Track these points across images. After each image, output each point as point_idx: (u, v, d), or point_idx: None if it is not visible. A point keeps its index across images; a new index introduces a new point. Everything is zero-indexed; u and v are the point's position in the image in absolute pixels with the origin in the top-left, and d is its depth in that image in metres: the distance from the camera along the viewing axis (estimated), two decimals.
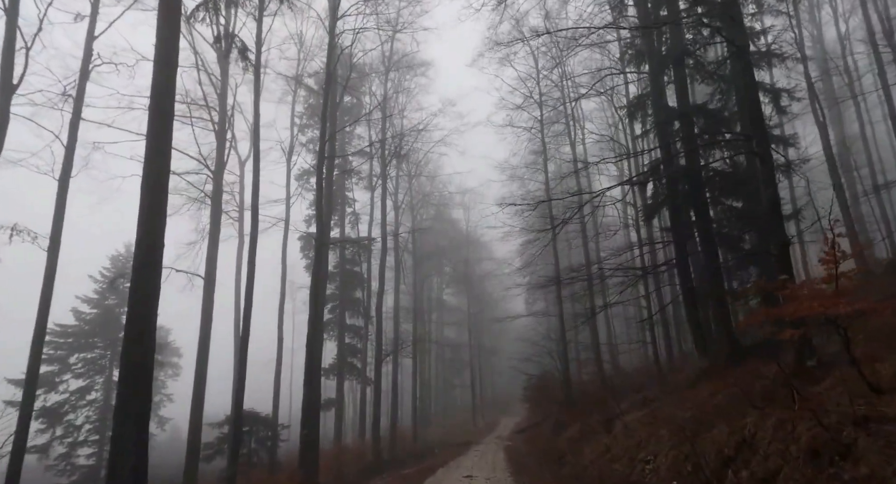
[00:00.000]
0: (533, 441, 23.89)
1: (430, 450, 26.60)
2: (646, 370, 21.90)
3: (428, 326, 45.98)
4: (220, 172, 18.42)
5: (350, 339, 29.06)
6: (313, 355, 13.91)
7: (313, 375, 13.90)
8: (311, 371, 13.77)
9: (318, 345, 17.12)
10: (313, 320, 14.00)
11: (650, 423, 10.13)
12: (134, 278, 9.58)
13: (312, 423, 16.68)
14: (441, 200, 38.49)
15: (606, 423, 13.75)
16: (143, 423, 9.18)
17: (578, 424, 16.38)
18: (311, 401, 16.85)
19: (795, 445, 4.50)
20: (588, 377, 24.73)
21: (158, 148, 9.93)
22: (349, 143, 31.38)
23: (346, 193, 30.45)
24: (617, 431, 11.34)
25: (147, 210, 9.78)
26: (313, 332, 13.93)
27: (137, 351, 9.31)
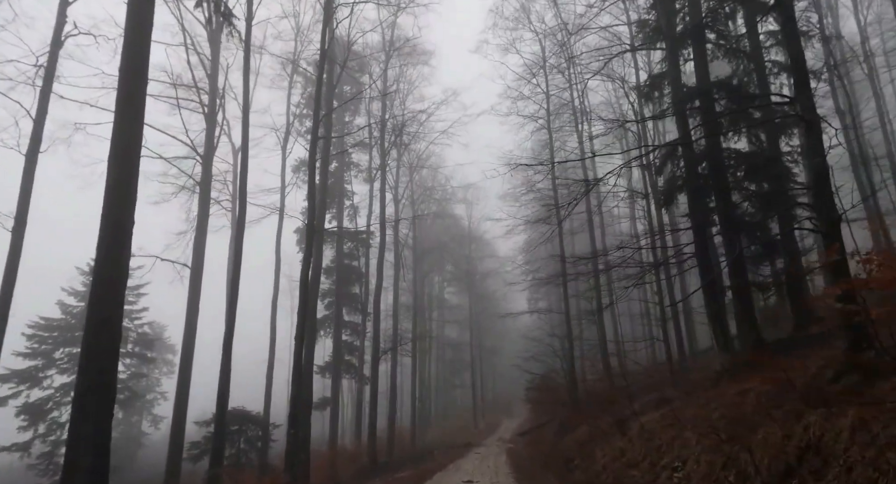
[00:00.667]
0: (536, 444, 22.84)
1: (428, 452, 25.59)
2: (657, 369, 20.85)
3: (428, 324, 44.98)
4: (209, 157, 17.45)
5: (347, 336, 28.01)
6: (302, 348, 12.90)
7: (303, 370, 12.89)
8: (300, 365, 12.77)
9: (311, 338, 16.14)
10: (303, 311, 13.00)
11: (671, 424, 9.10)
12: (99, 259, 8.59)
13: (303, 422, 15.71)
14: (443, 195, 37.52)
15: (619, 424, 12.71)
16: (104, 418, 8.19)
17: (586, 425, 15.35)
18: (302, 398, 15.85)
19: (893, 452, 3.50)
20: (594, 377, 23.72)
21: (129, 113, 8.97)
22: (349, 134, 30.40)
23: (345, 186, 29.43)
24: (632, 434, 10.31)
25: (115, 183, 8.80)
26: (302, 323, 12.93)
27: (102, 339, 8.32)
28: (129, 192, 8.92)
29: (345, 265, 28.37)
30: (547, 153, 25.07)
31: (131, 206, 8.96)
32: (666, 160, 13.05)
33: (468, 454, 21.97)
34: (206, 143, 17.55)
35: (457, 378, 52.00)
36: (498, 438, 31.59)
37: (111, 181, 8.80)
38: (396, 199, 30.40)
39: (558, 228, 22.40)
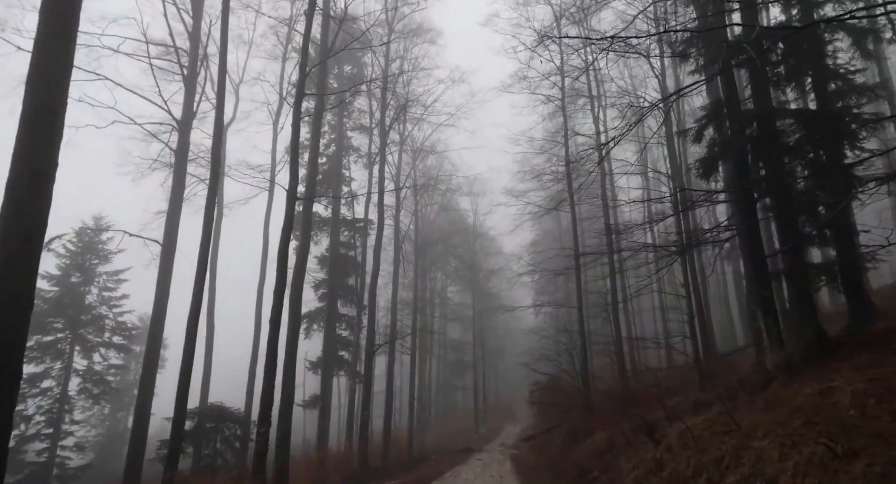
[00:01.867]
0: (543, 450, 20.90)
1: (426, 457, 23.73)
2: (678, 370, 18.91)
3: (430, 322, 43.09)
4: (186, 124, 15.69)
5: (342, 330, 26.24)
6: (277, 333, 11.07)
7: (278, 359, 11.06)
8: (274, 353, 10.94)
9: (294, 323, 14.31)
10: (279, 289, 11.18)
11: (726, 432, 7.22)
12: (6, 214, 6.69)
13: (283, 420, 13.88)
14: (448, 188, 35.53)
15: (647, 431, 10.81)
16: (4, 411, 6.43)
17: (605, 431, 13.44)
18: (285, 393, 14.04)
19: None
20: (608, 378, 21.81)
21: (56, 23, 7.18)
22: (347, 118, 28.67)
23: (343, 171, 27.67)
24: (671, 442, 8.41)
25: (31, 116, 7.01)
26: (279, 303, 11.10)
27: (6, 312, 6.50)
28: (51, 130, 7.13)
29: (340, 255, 26.59)
30: (560, 138, 23.21)
31: (53, 147, 7.17)
32: (707, 123, 11.18)
33: (468, 460, 20.09)
34: (185, 109, 15.80)
35: (458, 380, 50.01)
36: (500, 443, 29.70)
37: (27, 114, 7.01)
38: (398, 187, 28.57)
39: (571, 213, 20.60)
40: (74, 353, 23.90)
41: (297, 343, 14.40)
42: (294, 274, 14.67)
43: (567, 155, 21.02)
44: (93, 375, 24.88)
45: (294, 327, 14.41)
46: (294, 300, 14.62)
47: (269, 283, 21.27)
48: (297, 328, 14.44)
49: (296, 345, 14.38)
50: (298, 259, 14.78)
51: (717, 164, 10.93)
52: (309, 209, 15.33)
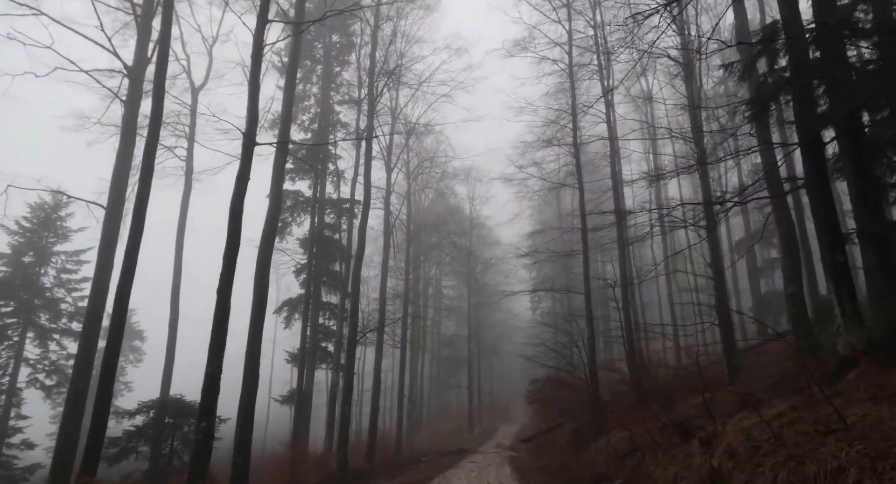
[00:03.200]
0: (545, 452, 18.79)
1: (415, 459, 21.59)
2: (700, 362, 16.79)
3: (423, 315, 40.91)
4: (139, 72, 13.48)
5: (325, 319, 24.09)
6: (225, 306, 8.89)
7: (222, 336, 8.89)
8: (221, 333, 8.77)
9: (258, 302, 12.14)
10: (229, 253, 9.01)
11: (826, 431, 5.12)
12: None
13: (244, 415, 11.78)
14: (444, 171, 33.22)
15: (682, 430, 8.72)
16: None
17: (623, 430, 11.32)
18: (247, 383, 11.93)
19: None
20: (615, 372, 19.74)
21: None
22: (335, 91, 26.51)
23: (329, 148, 25.48)
24: (732, 445, 6.29)
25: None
26: (228, 270, 8.95)
27: None
28: None
29: (325, 238, 24.44)
30: (566, 105, 21.07)
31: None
32: (758, 54, 9.07)
33: (461, 463, 17.97)
34: (137, 55, 13.61)
35: (452, 377, 47.82)
36: (496, 444, 27.64)
37: None
38: (388, 168, 26.41)
39: (579, 186, 18.52)
40: (26, 340, 21.60)
41: (261, 324, 12.26)
42: (262, 242, 12.55)
43: (574, 121, 18.94)
44: (48, 364, 22.59)
45: (259, 305, 12.27)
46: (261, 273, 12.48)
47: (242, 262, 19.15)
48: (263, 306, 12.29)
49: (260, 326, 12.25)
50: (268, 223, 12.63)
51: (770, 103, 8.82)
52: (282, 158, 13.11)
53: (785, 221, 12.39)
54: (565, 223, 24.39)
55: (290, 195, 24.41)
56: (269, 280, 12.63)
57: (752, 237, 28.03)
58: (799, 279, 12.52)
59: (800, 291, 12.40)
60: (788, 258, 12.60)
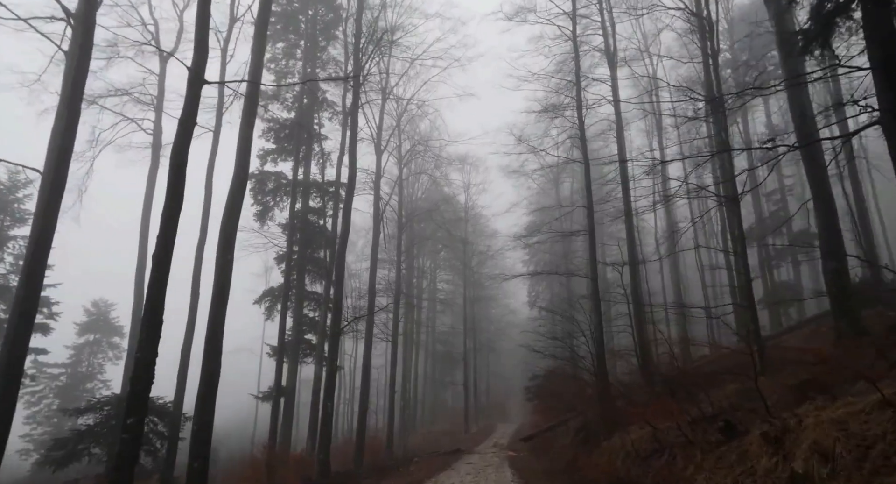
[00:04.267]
0: (547, 452, 17.20)
1: (406, 460, 20.00)
2: (718, 352, 15.20)
3: (417, 308, 39.26)
4: (89, 17, 11.70)
5: (310, 310, 22.42)
6: (163, 275, 7.20)
7: (157, 314, 7.21)
8: (156, 308, 7.08)
9: (223, 281, 10.48)
10: (169, 214, 7.31)
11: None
12: None
13: (202, 411, 10.15)
14: (438, 156, 31.46)
15: (722, 428, 7.12)
16: None
17: (644, 428, 9.70)
18: (208, 371, 10.29)
19: None
20: (624, 365, 18.17)
21: None
22: (321, 69, 24.82)
23: (314, 127, 23.80)
24: (823, 445, 4.66)
25: None
26: (166, 233, 7.26)
27: None
28: None
29: (310, 223, 22.75)
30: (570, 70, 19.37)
31: None
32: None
33: (456, 464, 16.38)
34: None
35: (447, 376, 46.15)
36: (493, 443, 26.05)
37: None
38: (378, 150, 24.77)
39: (584, 161, 16.91)
40: None
41: (224, 306, 10.60)
42: (226, 211, 10.89)
43: (579, 91, 17.33)
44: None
45: (221, 285, 10.60)
46: (223, 248, 10.81)
47: (211, 243, 17.44)
48: (226, 286, 10.61)
49: (223, 309, 10.59)
50: (233, 190, 10.94)
51: (835, 20, 7.20)
52: (252, 107, 11.33)
53: (819, 181, 10.84)
54: (564, 212, 22.76)
55: (273, 177, 22.76)
56: (233, 257, 10.95)
57: (762, 222, 26.54)
58: (840, 252, 10.97)
59: (843, 266, 10.84)
60: (826, 227, 11.04)
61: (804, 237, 22.96)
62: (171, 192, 7.46)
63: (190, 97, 7.82)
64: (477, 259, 41.42)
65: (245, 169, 11.27)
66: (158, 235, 7.25)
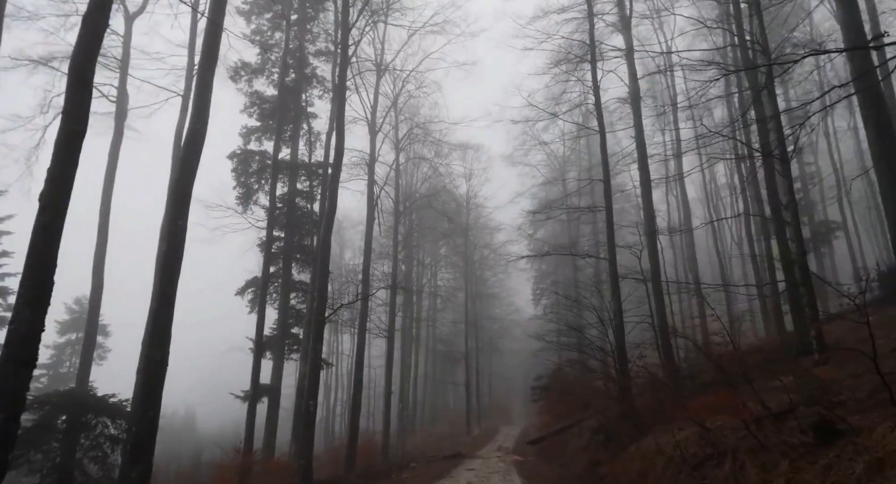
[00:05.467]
0: (559, 457, 15.29)
1: (402, 466, 18.12)
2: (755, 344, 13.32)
3: (416, 308, 37.38)
4: None
5: (298, 301, 20.59)
6: (51, 228, 5.29)
7: (45, 265, 5.34)
8: (41, 269, 5.21)
9: (175, 244, 8.68)
10: (67, 141, 5.45)
11: None
12: None
13: (145, 406, 8.32)
14: (438, 149, 29.48)
15: (815, 426, 5.24)
16: None
17: (690, 429, 7.79)
18: (151, 360, 8.50)
19: None
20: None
21: None
22: (311, 42, 23.05)
23: (302, 104, 22.01)
24: None
25: None
26: (59, 171, 5.39)
27: None
28: None
29: (297, 208, 20.95)
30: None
31: None
32: None
33: (456, 471, 14.53)
34: None
35: (449, 377, 44.16)
36: (497, 447, 24.14)
37: None
38: (373, 130, 23.01)
39: (599, 124, 15.05)
40: None
41: (174, 282, 8.78)
42: (178, 167, 9.07)
43: (593, 54, 15.50)
44: None
45: (172, 256, 8.77)
46: (174, 212, 8.99)
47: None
48: (177, 258, 8.77)
49: (172, 285, 8.78)
50: (188, 140, 9.08)
51: None
52: (214, 40, 9.47)
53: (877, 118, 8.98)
54: (583, 185, 20.95)
55: (257, 157, 20.94)
56: (186, 223, 9.10)
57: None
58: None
59: None
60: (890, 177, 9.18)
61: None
62: (70, 106, 5.60)
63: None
64: (479, 253, 39.58)
65: (203, 118, 9.42)
66: (49, 169, 5.37)
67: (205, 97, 9.52)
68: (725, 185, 29.07)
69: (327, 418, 40.32)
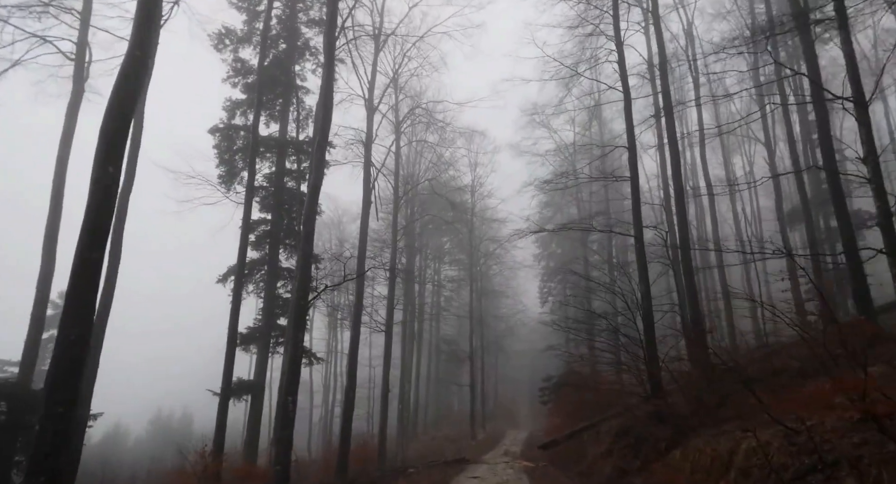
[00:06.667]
0: (577, 463, 13.35)
1: (400, 472, 16.28)
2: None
3: (420, 301, 35.52)
4: None
5: (285, 289, 18.83)
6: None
7: None
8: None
9: (102, 203, 6.92)
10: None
11: None
12: None
13: (53, 405, 6.54)
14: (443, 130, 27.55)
15: None
16: None
17: (771, 428, 5.84)
18: (61, 345, 6.72)
19: None
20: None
21: None
22: (303, 12, 21.32)
23: (293, 78, 20.27)
24: None
25: None
26: None
27: None
28: None
29: (285, 188, 19.20)
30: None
31: None
32: None
33: (459, 478, 12.70)
34: None
35: (453, 378, 42.18)
36: (504, 452, 22.24)
37: None
38: (370, 107, 21.18)
39: (624, 91, 13.19)
40: None
41: (100, 248, 7.00)
42: (115, 97, 7.29)
43: (616, 6, 13.65)
44: None
45: (96, 214, 6.96)
46: (104, 159, 7.18)
47: (139, 194, 13.78)
48: (104, 216, 6.97)
49: (98, 251, 7.00)
50: (123, 73, 7.32)
51: None
52: None
53: None
54: (607, 151, 19.14)
55: (242, 132, 19.20)
56: (119, 171, 7.31)
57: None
58: None
59: None
60: None
61: None
62: None
63: None
64: (485, 248, 37.66)
65: (144, 46, 7.64)
66: None
67: (147, 19, 7.72)
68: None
69: (325, 419, 38.47)
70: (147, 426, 61.09)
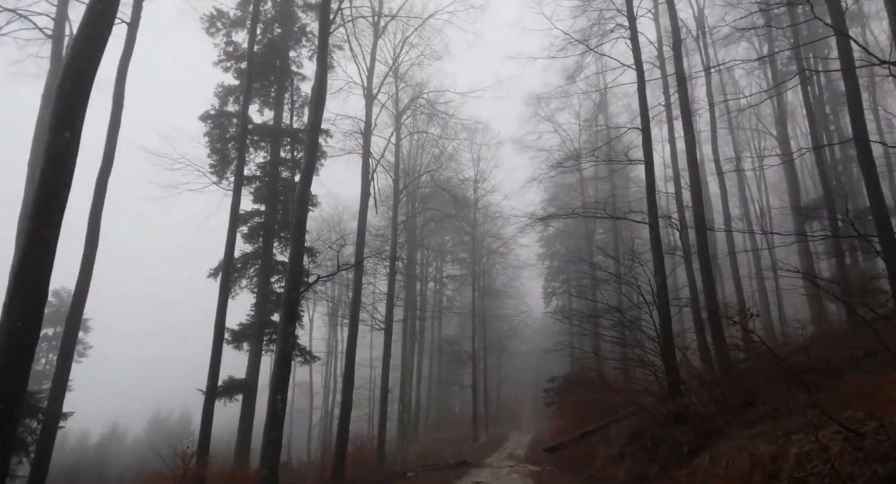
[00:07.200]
0: (586, 467, 12.50)
1: (398, 475, 15.44)
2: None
3: (421, 301, 34.66)
4: None
5: (279, 284, 18.00)
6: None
7: None
8: None
9: (54, 178, 6.09)
10: None
11: None
12: None
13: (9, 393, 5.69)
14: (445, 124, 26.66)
15: None
16: None
17: (828, 426, 4.98)
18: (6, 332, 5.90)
19: None
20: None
21: None
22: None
23: (288, 64, 19.48)
24: None
25: None
26: None
27: None
28: None
29: (280, 179, 18.41)
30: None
31: None
32: None
33: (460, 483, 11.76)
34: None
35: (455, 378, 41.27)
36: (507, 455, 21.43)
37: None
38: (369, 94, 20.36)
39: (637, 67, 12.34)
40: None
41: (49, 224, 6.22)
42: (67, 72, 6.50)
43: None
44: None
45: (50, 181, 6.18)
46: (60, 117, 6.39)
47: (119, 175, 13.01)
48: (60, 187, 6.17)
49: (48, 227, 6.20)
50: (80, 37, 6.54)
51: None
52: None
53: None
54: (615, 136, 18.28)
55: (235, 120, 18.38)
56: (76, 136, 6.48)
57: None
58: None
59: None
60: None
61: None
62: None
63: None
64: (488, 245, 36.77)
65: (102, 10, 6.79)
66: None
67: None
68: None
69: (325, 420, 37.62)
70: (146, 426, 60.32)
